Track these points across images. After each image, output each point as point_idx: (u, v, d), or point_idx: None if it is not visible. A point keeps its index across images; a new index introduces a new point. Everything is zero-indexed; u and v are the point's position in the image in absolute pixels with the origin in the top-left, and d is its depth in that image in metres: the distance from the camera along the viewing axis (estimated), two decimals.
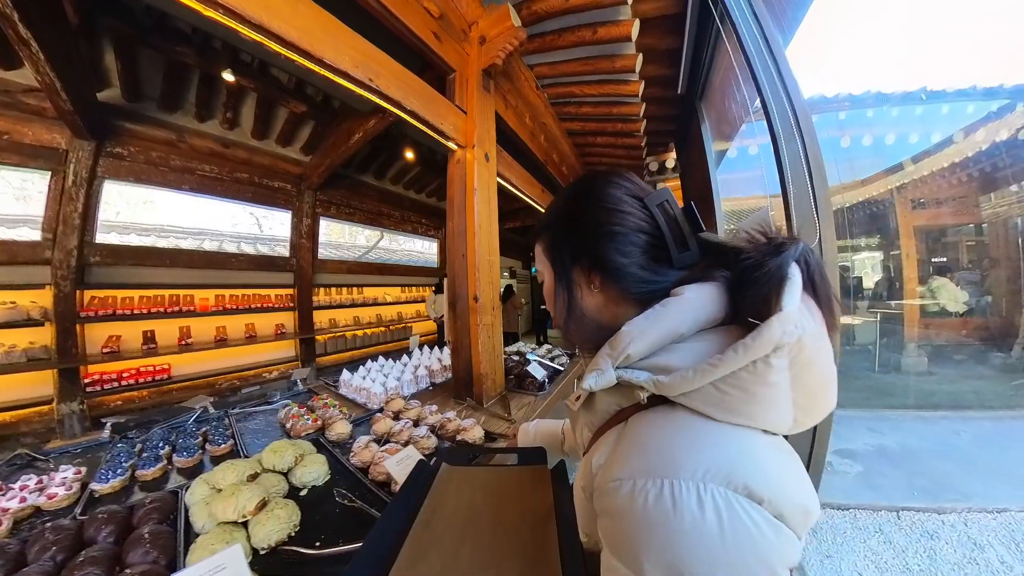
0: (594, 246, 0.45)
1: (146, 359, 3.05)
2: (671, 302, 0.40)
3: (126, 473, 1.06)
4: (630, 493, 0.32)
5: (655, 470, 0.32)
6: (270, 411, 1.62)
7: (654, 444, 0.35)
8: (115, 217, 6.55)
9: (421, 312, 6.10)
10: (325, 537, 0.80)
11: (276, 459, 1.01)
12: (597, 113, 3.16)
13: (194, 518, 0.82)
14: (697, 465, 0.31)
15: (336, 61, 1.14)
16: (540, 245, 0.53)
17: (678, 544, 0.30)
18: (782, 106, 1.64)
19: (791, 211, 1.56)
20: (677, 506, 0.30)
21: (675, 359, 0.37)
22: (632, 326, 0.40)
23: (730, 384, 0.33)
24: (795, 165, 1.57)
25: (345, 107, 3.31)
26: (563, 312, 0.49)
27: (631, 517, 0.32)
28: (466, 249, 1.83)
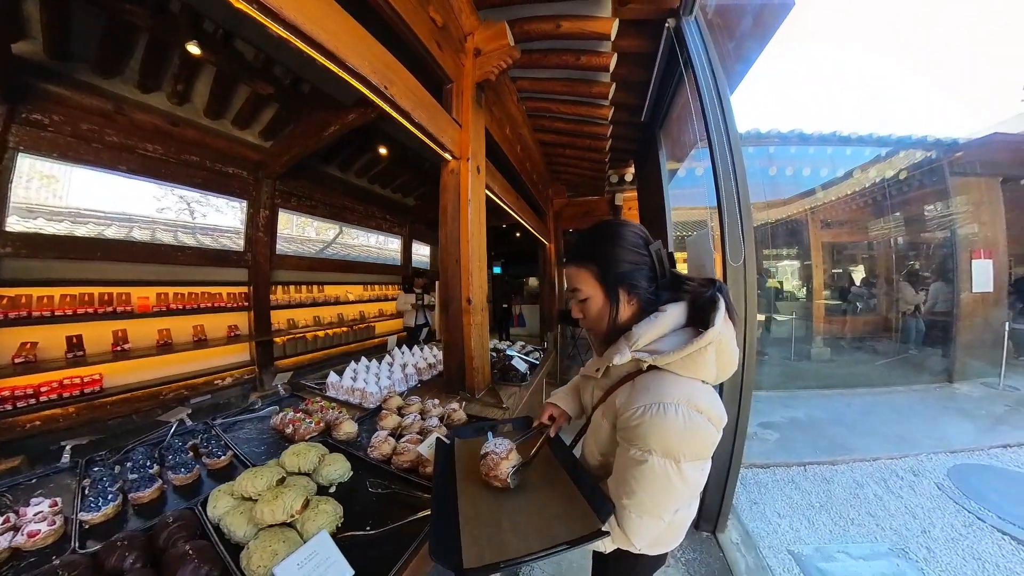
0: (631, 275, 0.72)
1: (72, 369, 2.62)
2: (660, 315, 0.69)
3: (118, 498, 0.98)
4: (643, 411, 0.61)
5: (653, 399, 0.61)
6: (257, 419, 1.57)
7: (654, 388, 0.63)
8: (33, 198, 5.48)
9: (385, 311, 5.92)
10: (372, 522, 0.85)
11: (300, 461, 1.02)
12: (569, 129, 3.38)
13: (231, 527, 0.82)
14: (673, 395, 0.61)
15: (358, 66, 1.15)
16: (586, 272, 0.75)
17: (666, 430, 0.59)
18: (723, 147, 1.95)
19: (724, 231, 1.89)
20: (667, 414, 0.60)
21: (662, 346, 0.67)
22: (639, 328, 0.69)
23: (690, 359, 0.64)
24: (729, 197, 1.90)
25: (316, 94, 3.10)
26: (608, 319, 0.74)
27: (644, 423, 0.60)
28: (459, 255, 1.91)
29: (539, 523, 0.65)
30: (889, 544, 1.91)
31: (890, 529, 2.02)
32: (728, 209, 1.83)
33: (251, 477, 0.92)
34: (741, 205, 1.85)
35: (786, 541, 1.95)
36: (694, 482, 0.62)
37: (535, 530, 0.63)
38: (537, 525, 0.64)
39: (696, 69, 2.02)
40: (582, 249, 0.77)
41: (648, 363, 0.66)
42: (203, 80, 3.05)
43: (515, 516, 0.67)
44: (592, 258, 0.74)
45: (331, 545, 0.60)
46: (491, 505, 0.70)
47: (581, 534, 0.60)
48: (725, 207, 1.84)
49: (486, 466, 0.74)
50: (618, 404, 0.68)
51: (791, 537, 1.98)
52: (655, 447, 0.59)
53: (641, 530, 0.63)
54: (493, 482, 0.73)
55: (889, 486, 2.39)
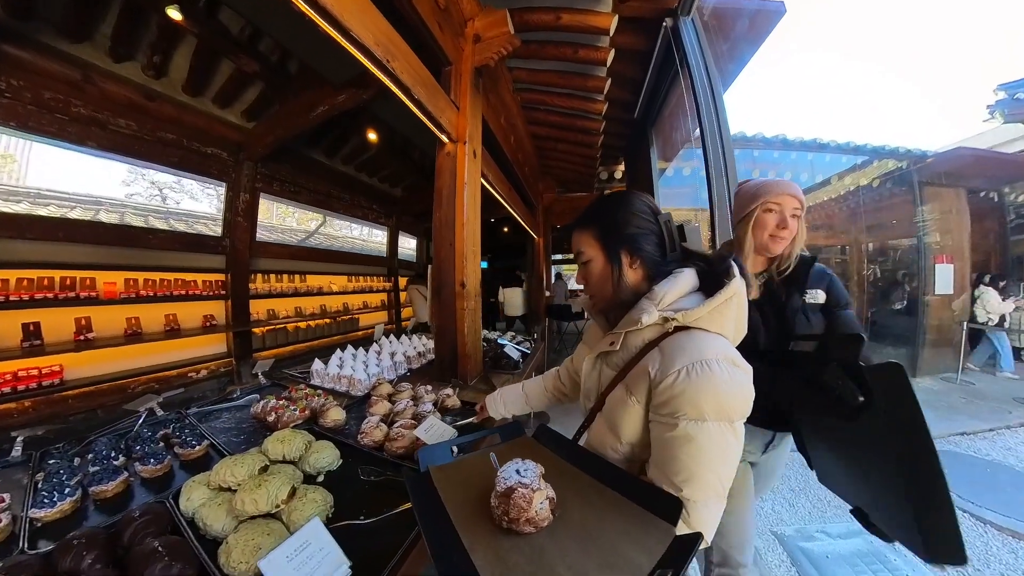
0: (633, 239, 0.69)
1: (28, 359, 2.40)
2: (678, 275, 0.66)
3: (76, 492, 0.88)
4: (686, 373, 0.55)
5: (694, 357, 0.56)
6: (236, 408, 1.48)
7: (690, 347, 0.58)
8: None
9: (369, 303, 5.78)
10: (367, 510, 0.79)
11: (285, 448, 0.95)
12: (562, 123, 3.36)
13: (207, 521, 0.75)
14: (712, 351, 0.57)
15: (362, 36, 1.09)
16: (588, 234, 0.73)
17: (715, 388, 0.54)
18: (716, 145, 1.97)
19: (715, 227, 1.90)
20: (713, 370, 0.54)
21: (685, 304, 0.64)
22: (661, 287, 0.65)
23: (717, 312, 0.62)
24: (720, 193, 1.91)
25: (304, 72, 2.94)
26: (611, 283, 0.70)
27: (691, 386, 0.54)
28: (454, 238, 1.86)
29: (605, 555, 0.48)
30: None
31: None
32: (720, 207, 1.84)
33: (230, 465, 0.85)
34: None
35: (769, 523, 2.05)
36: (742, 444, 0.56)
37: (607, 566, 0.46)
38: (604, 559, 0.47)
39: (692, 67, 2.02)
40: (587, 213, 0.76)
41: (677, 322, 0.62)
42: (183, 52, 2.83)
43: (565, 556, 0.48)
44: (595, 220, 0.73)
45: (325, 534, 0.55)
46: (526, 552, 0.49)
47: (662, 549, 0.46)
48: (717, 205, 1.85)
49: (516, 508, 0.51)
50: (652, 373, 0.59)
51: (773, 519, 2.08)
52: (708, 410, 0.53)
53: (710, 517, 0.54)
54: (525, 528, 0.51)
55: None
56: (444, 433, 0.94)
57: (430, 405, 1.27)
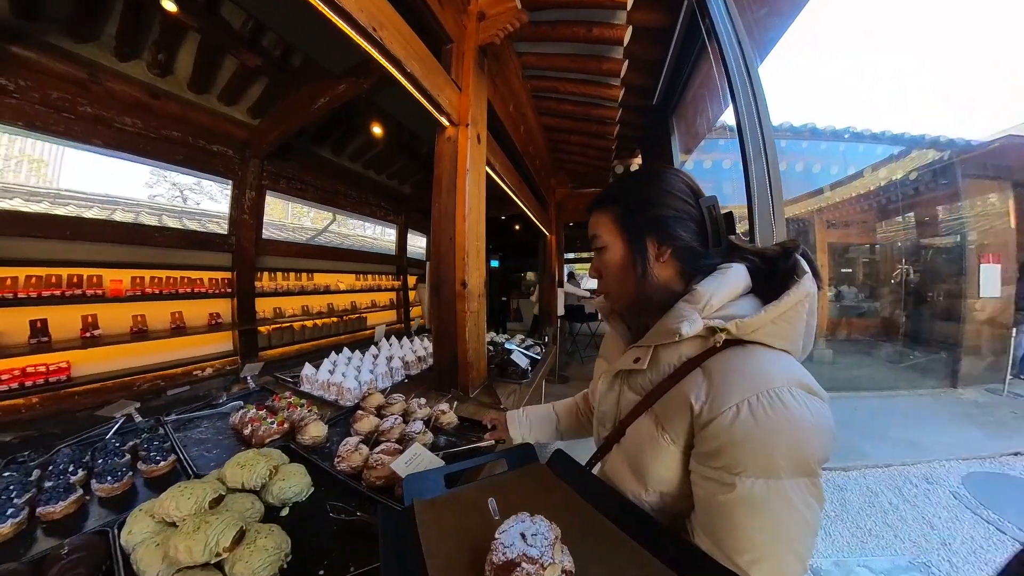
0: (665, 223, 0.55)
1: (36, 356, 2.43)
2: (727, 271, 0.52)
3: (21, 513, 0.78)
4: (749, 410, 0.41)
5: (758, 386, 0.42)
6: (217, 416, 1.37)
7: (749, 370, 0.44)
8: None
9: (378, 301, 5.73)
10: (328, 563, 0.65)
11: (245, 475, 0.82)
12: (575, 112, 3.17)
13: (142, 565, 0.62)
14: (781, 376, 0.43)
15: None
16: (607, 216, 0.58)
17: (791, 431, 0.40)
18: (754, 126, 1.75)
19: (754, 220, 1.67)
20: (787, 404, 0.40)
21: (738, 310, 0.50)
22: (706, 286, 0.51)
23: (783, 320, 0.48)
24: (760, 181, 1.70)
25: (307, 65, 2.87)
26: (631, 277, 0.56)
27: (757, 428, 0.40)
28: (454, 232, 1.71)
29: None
30: (910, 557, 1.83)
31: (908, 540, 1.94)
32: (759, 195, 1.63)
33: (176, 495, 0.73)
34: (773, 191, 1.64)
35: None
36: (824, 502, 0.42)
37: None
38: None
39: (721, 37, 1.81)
40: (609, 191, 0.61)
41: (729, 334, 0.47)
42: (187, 50, 2.81)
43: None
44: (617, 198, 0.59)
45: None
46: None
47: None
48: (756, 193, 1.63)
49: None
50: (697, 406, 0.45)
51: None
52: (783, 463, 0.39)
53: None
54: None
55: (904, 494, 2.32)
56: (430, 465, 0.79)
57: (420, 424, 1.12)
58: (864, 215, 6.50)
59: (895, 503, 2.23)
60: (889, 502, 2.24)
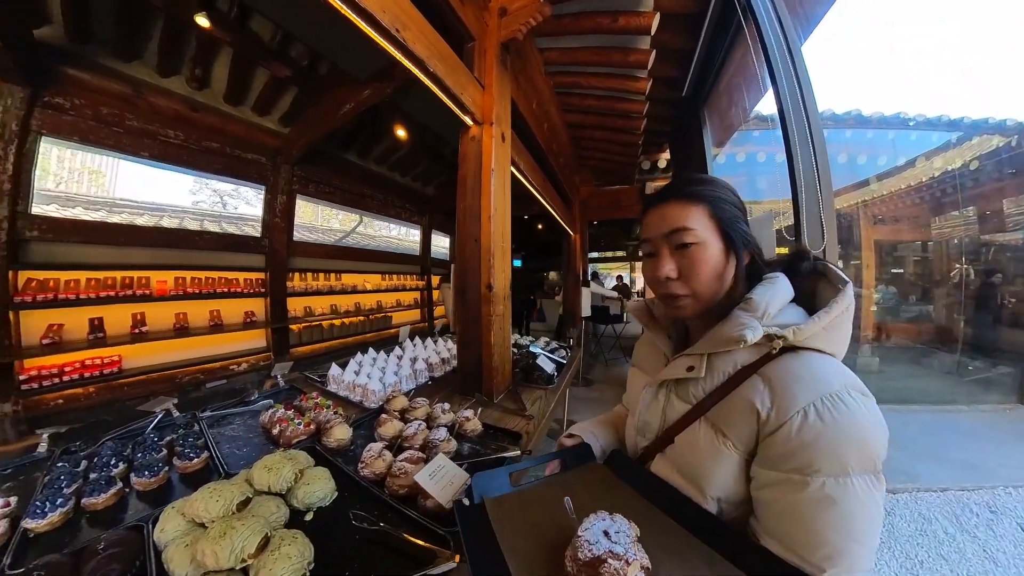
0: (748, 230, 0.57)
1: (92, 350, 2.64)
2: (776, 280, 0.55)
3: (69, 503, 0.83)
4: (816, 413, 0.44)
5: (820, 390, 0.45)
6: (249, 413, 1.41)
7: (808, 375, 0.47)
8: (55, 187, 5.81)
9: (403, 301, 5.84)
10: (350, 573, 0.64)
11: (271, 478, 0.82)
12: (600, 107, 3.07)
13: (172, 565, 0.63)
14: (838, 380, 0.46)
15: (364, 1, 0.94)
16: (700, 209, 0.56)
17: (856, 430, 0.43)
18: (799, 111, 1.62)
19: (801, 215, 1.53)
20: (848, 406, 0.44)
21: (790, 318, 0.52)
22: (760, 295, 0.53)
23: (832, 327, 0.51)
24: (807, 173, 1.57)
25: (333, 73, 2.96)
26: (722, 279, 0.56)
27: (826, 429, 0.43)
28: (479, 233, 1.68)
29: None
30: None
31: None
32: (807, 188, 1.50)
33: (206, 496, 0.74)
34: (821, 183, 1.51)
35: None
36: None
37: None
38: None
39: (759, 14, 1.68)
40: (686, 185, 0.58)
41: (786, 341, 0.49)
42: (221, 63, 2.97)
43: None
44: (703, 197, 0.56)
45: None
46: None
47: None
48: (803, 186, 1.51)
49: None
50: (763, 412, 0.47)
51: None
52: (852, 460, 0.42)
53: None
54: None
55: (962, 523, 2.08)
56: (455, 480, 0.77)
57: (444, 432, 1.09)
58: (916, 209, 5.95)
59: (951, 533, 2.01)
60: (944, 531, 2.02)
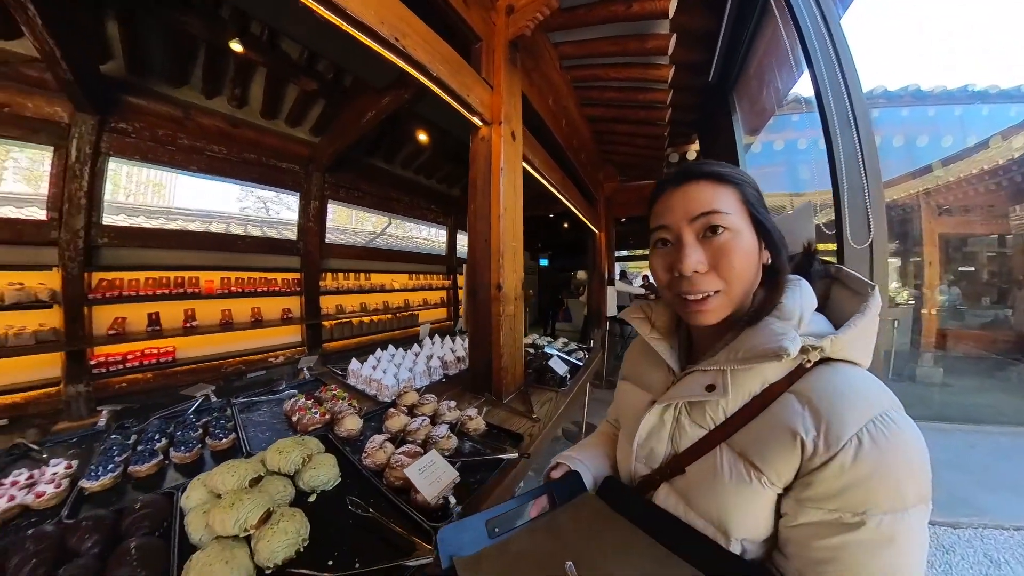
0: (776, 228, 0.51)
1: (151, 341, 2.97)
2: (800, 284, 0.49)
3: (118, 469, 0.96)
4: (871, 439, 0.37)
5: (869, 411, 0.39)
6: (275, 401, 1.53)
7: (852, 392, 0.41)
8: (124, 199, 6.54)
9: (429, 300, 6.00)
10: (339, 554, 0.69)
11: (281, 460, 0.90)
12: (621, 99, 2.98)
13: (191, 528, 0.72)
14: (884, 396, 0.41)
15: (361, 14, 1.00)
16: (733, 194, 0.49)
17: (913, 456, 0.37)
18: (838, 92, 1.48)
19: (842, 206, 1.38)
20: (901, 427, 0.38)
21: (819, 327, 0.47)
22: (793, 300, 0.47)
23: (866, 335, 0.45)
24: (850, 160, 1.40)
25: (357, 84, 3.14)
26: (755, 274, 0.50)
27: (883, 458, 0.36)
28: (489, 233, 1.70)
29: None
30: None
31: None
32: (849, 178, 1.35)
33: (224, 471, 0.82)
34: (868, 172, 1.35)
35: None
36: None
37: None
38: None
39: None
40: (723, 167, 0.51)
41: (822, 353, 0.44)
42: (257, 82, 3.27)
43: None
44: (733, 179, 0.49)
45: None
46: None
47: None
48: (844, 176, 1.36)
49: None
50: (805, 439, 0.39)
51: None
52: (910, 492, 0.37)
53: None
54: None
55: None
56: (443, 476, 0.78)
57: (445, 429, 1.12)
58: (990, 197, 5.21)
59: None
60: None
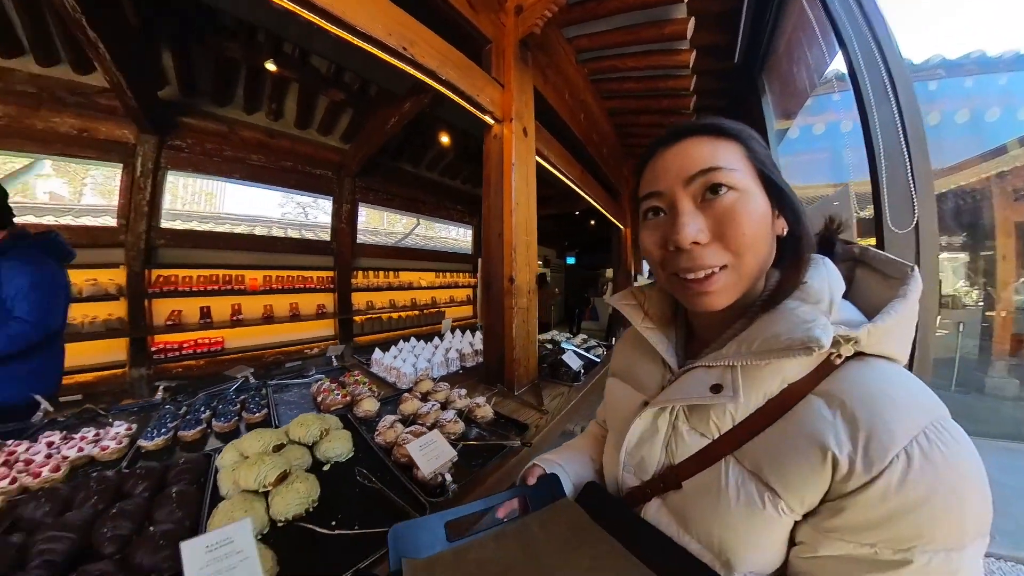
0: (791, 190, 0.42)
1: (202, 332, 3.31)
2: (825, 262, 0.41)
3: (169, 433, 1.11)
4: (922, 457, 0.29)
5: (919, 419, 0.31)
6: (304, 384, 1.66)
7: (894, 396, 0.33)
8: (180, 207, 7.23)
9: (455, 297, 6.16)
10: (342, 517, 0.76)
11: (302, 432, 1.00)
12: (641, 89, 2.90)
13: (221, 482, 0.82)
14: (932, 400, 0.33)
15: (369, 28, 1.08)
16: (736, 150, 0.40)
17: (977, 474, 0.30)
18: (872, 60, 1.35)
19: (882, 197, 1.21)
20: (957, 440, 0.30)
21: (851, 315, 0.38)
22: (819, 280, 0.39)
23: (906, 325, 0.37)
24: (888, 139, 1.23)
25: (381, 93, 3.33)
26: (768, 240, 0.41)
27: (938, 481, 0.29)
28: (502, 228, 1.75)
29: None
30: None
31: None
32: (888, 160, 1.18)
33: (253, 437, 0.93)
34: (910, 143, 1.17)
35: None
36: None
37: None
38: None
39: None
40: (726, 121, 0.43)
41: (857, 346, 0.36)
42: (290, 97, 3.56)
43: None
44: (736, 133, 0.41)
45: (249, 538, 0.52)
46: None
47: None
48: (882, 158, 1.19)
49: None
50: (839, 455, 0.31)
51: None
52: (970, 524, 0.29)
53: None
54: None
55: None
56: (441, 455, 0.83)
57: (452, 413, 1.16)
58: None
59: None
60: None
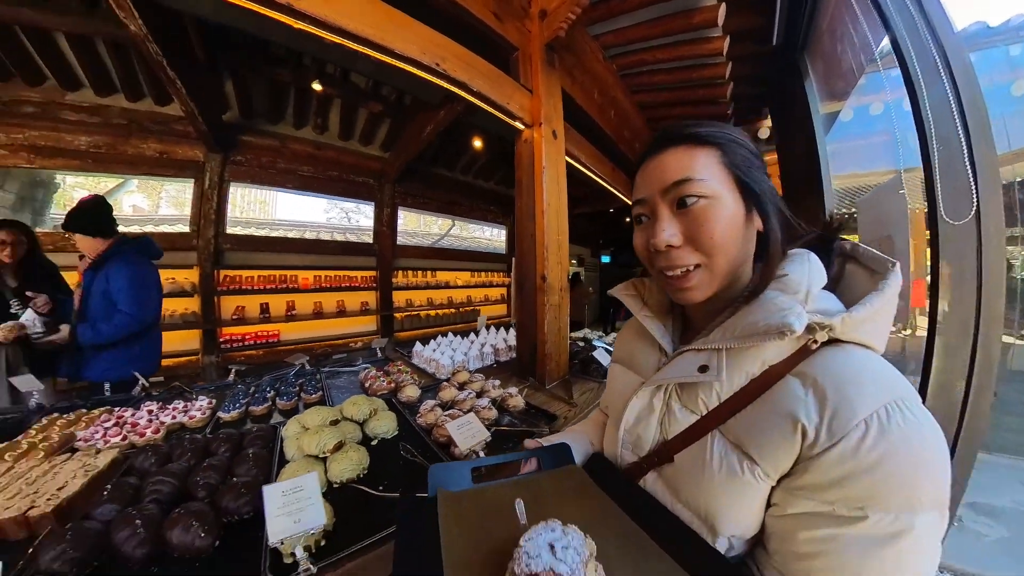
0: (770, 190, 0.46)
1: (262, 325, 3.71)
2: (805, 255, 0.44)
3: (242, 407, 1.29)
4: (879, 427, 0.33)
5: (882, 396, 0.34)
6: (353, 372, 1.83)
7: (863, 376, 0.36)
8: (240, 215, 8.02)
9: (490, 296, 6.31)
10: (388, 483, 0.87)
11: (354, 410, 1.12)
12: (672, 81, 2.79)
13: (286, 448, 0.96)
14: (901, 383, 0.36)
15: (405, 50, 1.19)
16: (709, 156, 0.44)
17: (935, 451, 0.33)
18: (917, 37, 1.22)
19: (936, 186, 1.10)
20: (919, 419, 0.33)
21: (829, 303, 0.42)
22: (799, 272, 0.42)
23: (882, 316, 0.40)
24: (941, 116, 1.11)
25: (416, 103, 3.52)
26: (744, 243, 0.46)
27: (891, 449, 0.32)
28: (534, 228, 1.81)
29: None
30: None
31: None
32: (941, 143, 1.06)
33: (314, 412, 1.06)
34: (969, 123, 1.05)
35: None
36: None
37: None
38: None
39: None
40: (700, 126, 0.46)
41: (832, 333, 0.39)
42: (334, 111, 3.89)
43: None
44: (712, 139, 0.45)
45: (315, 487, 0.62)
46: None
47: None
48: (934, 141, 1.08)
49: None
50: (807, 425, 0.35)
51: None
52: (923, 493, 0.32)
53: None
54: None
55: None
56: (477, 435, 0.91)
57: (486, 401, 1.26)
58: None
59: None
60: None
